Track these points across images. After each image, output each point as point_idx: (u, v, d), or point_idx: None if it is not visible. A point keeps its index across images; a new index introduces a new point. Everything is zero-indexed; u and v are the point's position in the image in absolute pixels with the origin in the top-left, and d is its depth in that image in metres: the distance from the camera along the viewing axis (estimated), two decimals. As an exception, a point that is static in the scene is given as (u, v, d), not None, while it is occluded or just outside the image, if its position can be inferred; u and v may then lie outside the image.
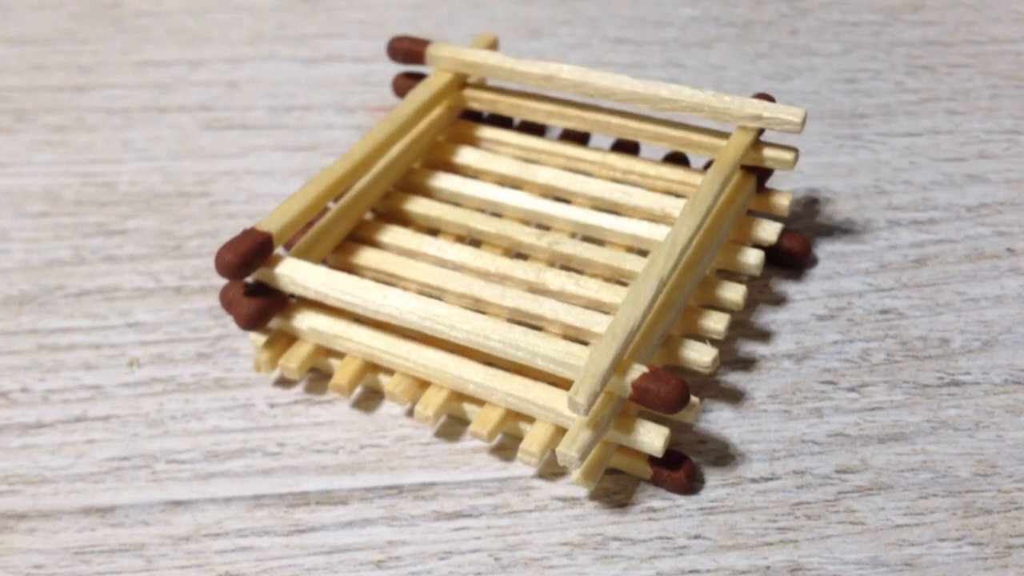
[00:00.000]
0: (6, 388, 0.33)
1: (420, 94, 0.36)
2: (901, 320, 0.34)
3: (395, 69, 0.45)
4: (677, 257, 0.29)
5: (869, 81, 0.44)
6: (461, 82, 0.38)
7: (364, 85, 0.45)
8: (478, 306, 0.32)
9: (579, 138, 0.38)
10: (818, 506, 0.29)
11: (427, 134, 0.37)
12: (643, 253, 0.34)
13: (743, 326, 0.34)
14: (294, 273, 0.31)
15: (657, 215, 0.34)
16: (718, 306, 0.32)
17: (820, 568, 0.27)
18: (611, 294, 0.32)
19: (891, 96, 0.43)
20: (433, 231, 0.35)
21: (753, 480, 0.29)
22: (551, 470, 0.30)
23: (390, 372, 0.31)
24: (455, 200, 0.36)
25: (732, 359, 0.33)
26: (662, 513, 0.29)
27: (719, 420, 0.31)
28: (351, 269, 0.34)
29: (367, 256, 0.34)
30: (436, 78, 0.37)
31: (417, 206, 0.35)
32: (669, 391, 0.27)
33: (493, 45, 0.39)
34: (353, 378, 0.31)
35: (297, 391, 0.32)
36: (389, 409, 0.32)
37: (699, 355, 0.30)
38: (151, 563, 0.28)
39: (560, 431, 0.29)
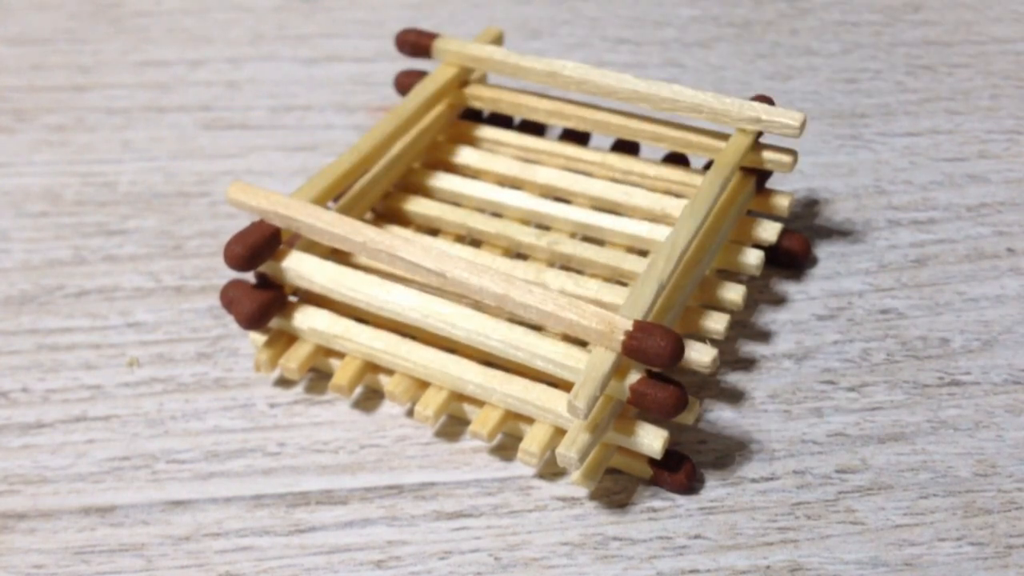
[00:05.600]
0: (6, 388, 0.33)
1: (425, 88, 0.36)
2: (901, 320, 0.34)
3: (395, 69, 0.45)
4: (677, 259, 0.29)
5: (869, 81, 0.44)
6: (463, 79, 0.38)
7: (364, 85, 0.45)
8: (478, 305, 0.32)
9: (579, 138, 0.38)
10: (818, 506, 0.29)
11: (428, 132, 0.37)
12: (643, 253, 0.34)
13: (743, 326, 0.34)
14: (299, 267, 0.31)
15: (657, 215, 0.34)
16: (718, 306, 0.32)
17: (820, 568, 0.27)
18: (611, 294, 0.32)
19: (891, 96, 0.43)
20: (433, 231, 0.36)
21: (753, 480, 0.29)
22: (551, 470, 0.30)
23: (390, 372, 0.31)
24: (455, 200, 0.36)
25: (732, 359, 0.33)
26: (662, 513, 0.29)
27: (719, 420, 0.31)
28: (351, 267, 0.34)
29: (367, 256, 0.34)
30: (441, 73, 0.37)
31: (417, 206, 0.35)
32: (667, 396, 0.27)
33: (498, 39, 0.39)
34: (353, 378, 0.31)
35: (297, 391, 0.33)
36: (389, 409, 0.32)
37: (699, 355, 0.30)
38: (151, 563, 0.28)
39: (560, 431, 0.29)
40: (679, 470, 0.29)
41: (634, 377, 0.27)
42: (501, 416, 0.30)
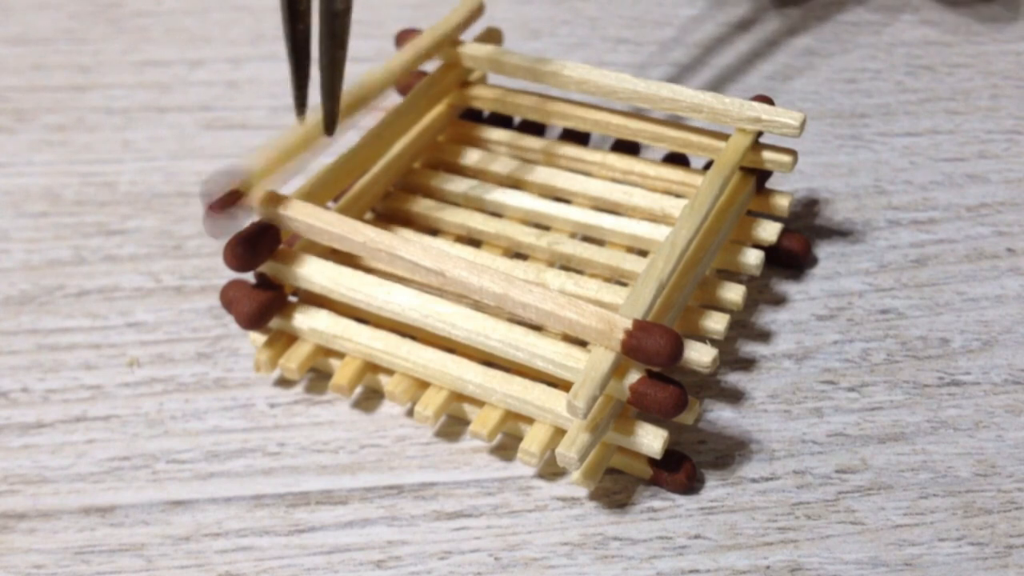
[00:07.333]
0: (6, 388, 0.33)
1: (425, 88, 0.36)
2: (901, 320, 0.34)
3: (395, 69, 0.45)
4: (677, 259, 0.29)
5: (869, 81, 0.44)
6: (463, 79, 0.38)
7: (364, 85, 0.45)
8: (478, 305, 0.32)
9: (579, 138, 0.38)
10: (818, 506, 0.29)
11: (429, 132, 0.37)
12: (643, 253, 0.34)
13: (743, 326, 0.34)
14: (299, 267, 0.31)
15: (657, 215, 0.34)
16: (718, 306, 0.32)
17: (820, 568, 0.27)
18: (611, 294, 0.32)
19: (891, 96, 0.43)
20: (433, 231, 0.36)
21: (753, 480, 0.29)
22: (551, 470, 0.30)
23: (390, 372, 0.31)
24: (455, 200, 0.36)
25: (732, 359, 0.33)
26: (662, 513, 0.29)
27: (719, 420, 0.31)
28: (351, 267, 0.34)
29: (367, 256, 0.34)
30: (441, 72, 0.37)
31: (417, 206, 0.35)
32: (667, 396, 0.27)
33: (498, 39, 0.39)
34: (353, 378, 0.31)
35: (297, 391, 0.33)
36: (389, 409, 0.32)
37: (699, 355, 0.30)
38: (151, 563, 0.28)
39: (560, 431, 0.29)
40: (679, 470, 0.29)
41: (634, 377, 0.27)
42: (501, 416, 0.30)
